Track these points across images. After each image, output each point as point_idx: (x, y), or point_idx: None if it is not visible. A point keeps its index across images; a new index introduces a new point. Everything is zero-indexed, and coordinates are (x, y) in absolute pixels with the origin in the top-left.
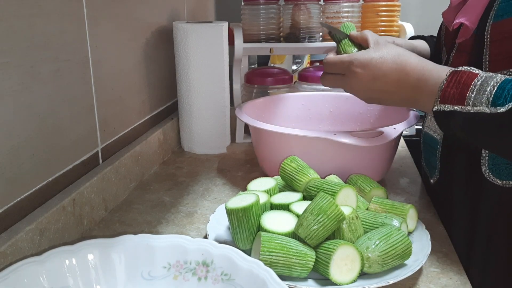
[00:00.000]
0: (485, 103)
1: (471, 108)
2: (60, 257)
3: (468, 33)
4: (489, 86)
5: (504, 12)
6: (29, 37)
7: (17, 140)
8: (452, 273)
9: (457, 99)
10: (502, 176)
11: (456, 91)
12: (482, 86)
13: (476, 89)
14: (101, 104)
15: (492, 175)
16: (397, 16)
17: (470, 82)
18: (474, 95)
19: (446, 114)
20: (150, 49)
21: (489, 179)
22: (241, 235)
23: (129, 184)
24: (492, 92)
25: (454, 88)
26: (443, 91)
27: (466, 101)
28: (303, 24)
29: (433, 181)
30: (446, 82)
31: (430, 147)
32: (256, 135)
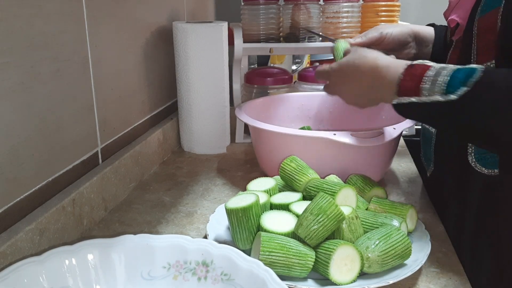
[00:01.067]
0: (438, 93)
1: (426, 98)
2: (60, 257)
3: (461, 30)
4: (443, 76)
5: (488, 7)
6: (29, 37)
7: (17, 140)
8: (452, 273)
9: (413, 91)
10: (487, 165)
11: (412, 83)
12: (436, 77)
13: (431, 80)
14: (101, 104)
15: (479, 164)
16: (397, 16)
17: (423, 74)
18: (429, 86)
19: (404, 106)
20: (150, 49)
21: (476, 168)
22: (241, 235)
23: (129, 184)
24: (446, 82)
25: (409, 81)
26: (400, 85)
27: (421, 92)
28: (303, 24)
29: (429, 173)
30: (403, 76)
31: (426, 139)
32: (256, 135)
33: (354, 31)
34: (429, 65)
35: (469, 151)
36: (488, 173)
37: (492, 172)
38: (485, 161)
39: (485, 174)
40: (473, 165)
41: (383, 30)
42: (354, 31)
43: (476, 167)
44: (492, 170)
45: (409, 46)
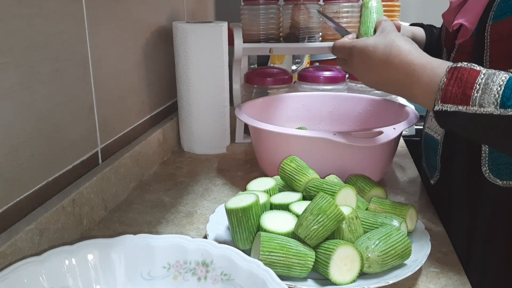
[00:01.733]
0: (493, 104)
1: (477, 108)
2: (60, 257)
3: (467, 33)
4: (495, 85)
5: (503, 13)
6: (29, 37)
7: (17, 140)
8: (452, 273)
9: (461, 99)
10: (502, 176)
11: (459, 90)
12: (487, 85)
13: (482, 88)
14: (101, 104)
15: (493, 175)
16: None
17: (473, 81)
18: (479, 95)
19: (449, 114)
20: (150, 49)
21: (489, 179)
22: (241, 235)
23: (128, 184)
24: (500, 93)
25: (456, 87)
26: (444, 90)
27: (471, 101)
28: (302, 24)
29: (433, 181)
30: (447, 80)
31: (431, 148)
32: (256, 135)
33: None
34: (478, 70)
35: (482, 161)
36: (503, 185)
37: (507, 184)
38: (500, 172)
39: (499, 185)
40: (486, 176)
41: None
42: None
43: (490, 178)
44: (507, 182)
45: None
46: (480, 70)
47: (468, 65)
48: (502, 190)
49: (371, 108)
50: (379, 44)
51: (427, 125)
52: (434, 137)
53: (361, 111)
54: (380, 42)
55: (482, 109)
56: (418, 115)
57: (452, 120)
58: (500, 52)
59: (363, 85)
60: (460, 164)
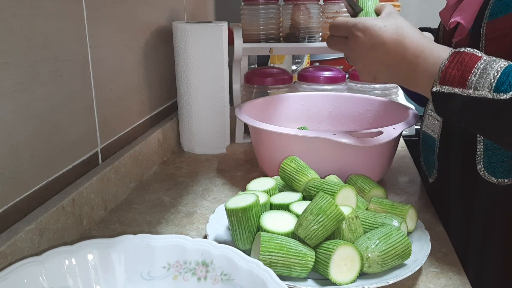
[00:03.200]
0: (487, 88)
1: (472, 91)
2: (60, 257)
3: (464, 32)
4: (492, 70)
5: (498, 11)
6: (29, 37)
7: (17, 140)
8: (452, 273)
9: (458, 82)
10: (497, 174)
11: (458, 72)
12: (485, 70)
13: (479, 73)
14: (101, 104)
15: (487, 173)
16: None
17: (472, 65)
18: (476, 78)
19: (445, 96)
20: (150, 49)
21: (484, 177)
22: (241, 235)
23: (128, 184)
24: (496, 77)
25: (455, 70)
26: (443, 72)
27: (467, 84)
28: (302, 24)
29: (432, 180)
30: (448, 63)
31: (428, 146)
32: (256, 135)
33: None
34: (479, 56)
35: (477, 159)
36: (498, 183)
37: (502, 182)
38: (494, 170)
39: (494, 183)
40: (481, 173)
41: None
42: None
43: (485, 176)
44: (502, 180)
45: None
46: (482, 56)
47: (471, 50)
48: (497, 188)
49: (371, 108)
50: (390, 23)
51: (424, 124)
52: (431, 136)
53: (361, 111)
54: (391, 22)
55: (476, 92)
56: (418, 115)
57: (448, 103)
58: (495, 50)
59: (363, 85)
60: (456, 162)
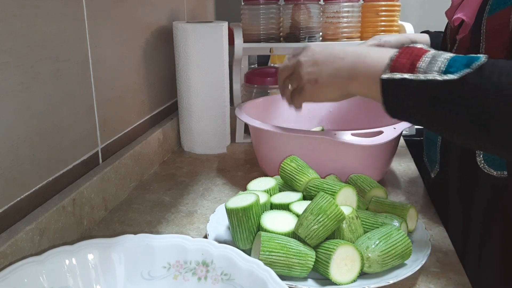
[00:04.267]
0: (436, 72)
1: (422, 75)
2: (60, 257)
3: (467, 28)
4: (440, 57)
5: (497, 6)
6: (29, 37)
7: (17, 140)
8: (452, 273)
9: (408, 68)
10: (496, 166)
11: (407, 61)
12: (434, 58)
13: (429, 60)
14: (101, 104)
15: (487, 166)
16: (397, 16)
17: (421, 54)
18: (425, 64)
19: (395, 83)
20: (150, 49)
21: (484, 169)
22: (241, 235)
23: (129, 184)
24: (445, 63)
25: (405, 59)
26: (394, 61)
27: (416, 69)
28: (303, 24)
29: (434, 175)
30: (398, 53)
31: (431, 141)
32: (256, 135)
33: (354, 31)
34: (428, 49)
35: (477, 152)
36: (497, 175)
37: (502, 174)
38: (494, 162)
39: (493, 176)
40: (481, 166)
41: (382, 38)
42: (354, 31)
43: (485, 169)
44: (502, 172)
45: None
46: (430, 49)
47: (420, 45)
48: (497, 181)
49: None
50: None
51: None
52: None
53: (361, 111)
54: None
55: (426, 75)
56: None
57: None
58: (494, 45)
59: None
60: (457, 155)
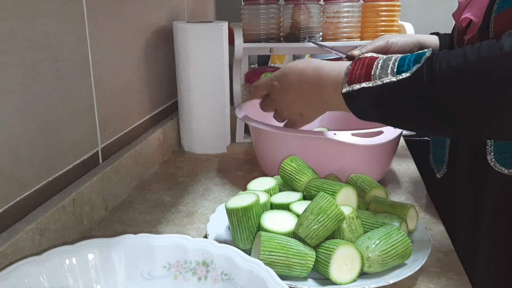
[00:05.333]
0: (390, 74)
1: (379, 81)
2: (60, 257)
3: (475, 28)
4: (391, 60)
5: (505, 4)
6: (29, 37)
7: (17, 139)
8: (452, 273)
9: (364, 77)
10: (508, 164)
11: (362, 71)
12: (385, 62)
13: (380, 65)
14: (101, 104)
15: (498, 164)
16: (397, 16)
17: (373, 62)
18: (379, 70)
19: (356, 93)
20: (150, 49)
21: (495, 168)
22: (241, 235)
23: (129, 184)
24: (395, 64)
25: (359, 69)
26: (349, 74)
27: (371, 76)
28: (303, 24)
29: (440, 175)
30: (351, 67)
31: (439, 141)
32: (256, 135)
33: (354, 31)
34: (377, 56)
35: (488, 150)
36: (508, 173)
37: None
38: (505, 160)
39: (504, 174)
40: (492, 164)
41: (389, 39)
42: (354, 31)
43: (496, 167)
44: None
45: None
46: (379, 56)
47: (369, 54)
48: (508, 179)
49: None
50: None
51: None
52: None
53: None
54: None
55: (382, 80)
56: None
57: (360, 100)
58: None
59: None
60: (467, 154)
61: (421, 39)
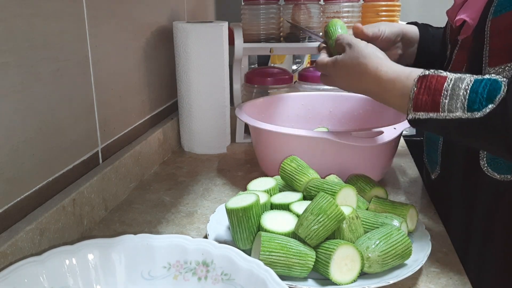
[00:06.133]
0: (460, 109)
1: (446, 114)
2: (60, 257)
3: (469, 29)
4: (461, 90)
5: (503, 7)
6: (29, 37)
7: (17, 140)
8: (452, 273)
9: (431, 106)
10: (500, 170)
11: (428, 98)
12: (454, 91)
13: (449, 94)
14: (101, 104)
15: (491, 169)
16: (397, 16)
17: (441, 88)
18: (448, 101)
19: (422, 121)
20: (150, 49)
21: (487, 173)
22: (241, 235)
23: (129, 184)
24: (466, 97)
25: (425, 95)
26: (414, 99)
27: (441, 107)
28: (303, 24)
29: (434, 176)
30: (417, 90)
31: (432, 143)
32: (256, 135)
33: None
34: (445, 76)
35: (481, 155)
36: (501, 179)
37: (505, 178)
38: (497, 166)
39: (496, 179)
40: (484, 169)
41: (380, 27)
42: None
43: (488, 172)
44: (505, 176)
45: (397, 46)
46: (447, 76)
47: (435, 72)
48: (500, 184)
49: (371, 108)
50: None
51: None
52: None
53: (361, 111)
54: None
55: (451, 115)
56: None
57: (426, 126)
58: (499, 47)
59: None
60: (460, 158)
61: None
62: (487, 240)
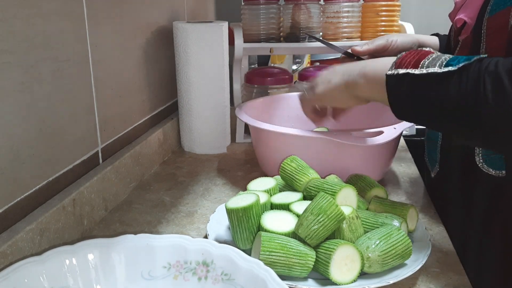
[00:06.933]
0: (438, 66)
1: (424, 70)
2: (60, 257)
3: (468, 29)
4: (445, 55)
5: (497, 6)
6: (29, 37)
7: (17, 140)
8: (452, 273)
9: (412, 64)
10: (495, 166)
11: (413, 59)
12: (438, 56)
13: (432, 58)
14: (101, 104)
15: (486, 165)
16: (397, 16)
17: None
18: (429, 61)
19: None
20: (150, 49)
21: (483, 169)
22: (241, 235)
23: (129, 184)
24: (446, 59)
25: (411, 57)
26: (401, 58)
27: (420, 65)
28: (303, 24)
29: (434, 174)
30: (405, 53)
31: (432, 141)
32: (256, 135)
33: (355, 31)
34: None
35: (476, 151)
36: (496, 174)
37: (500, 173)
38: (492, 162)
39: (492, 175)
40: (480, 165)
41: (389, 38)
42: (355, 31)
43: (483, 168)
44: (500, 172)
45: None
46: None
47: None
48: (496, 180)
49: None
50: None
51: None
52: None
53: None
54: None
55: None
56: None
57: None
58: (494, 45)
59: None
60: (457, 155)
61: (420, 39)
62: (486, 236)
